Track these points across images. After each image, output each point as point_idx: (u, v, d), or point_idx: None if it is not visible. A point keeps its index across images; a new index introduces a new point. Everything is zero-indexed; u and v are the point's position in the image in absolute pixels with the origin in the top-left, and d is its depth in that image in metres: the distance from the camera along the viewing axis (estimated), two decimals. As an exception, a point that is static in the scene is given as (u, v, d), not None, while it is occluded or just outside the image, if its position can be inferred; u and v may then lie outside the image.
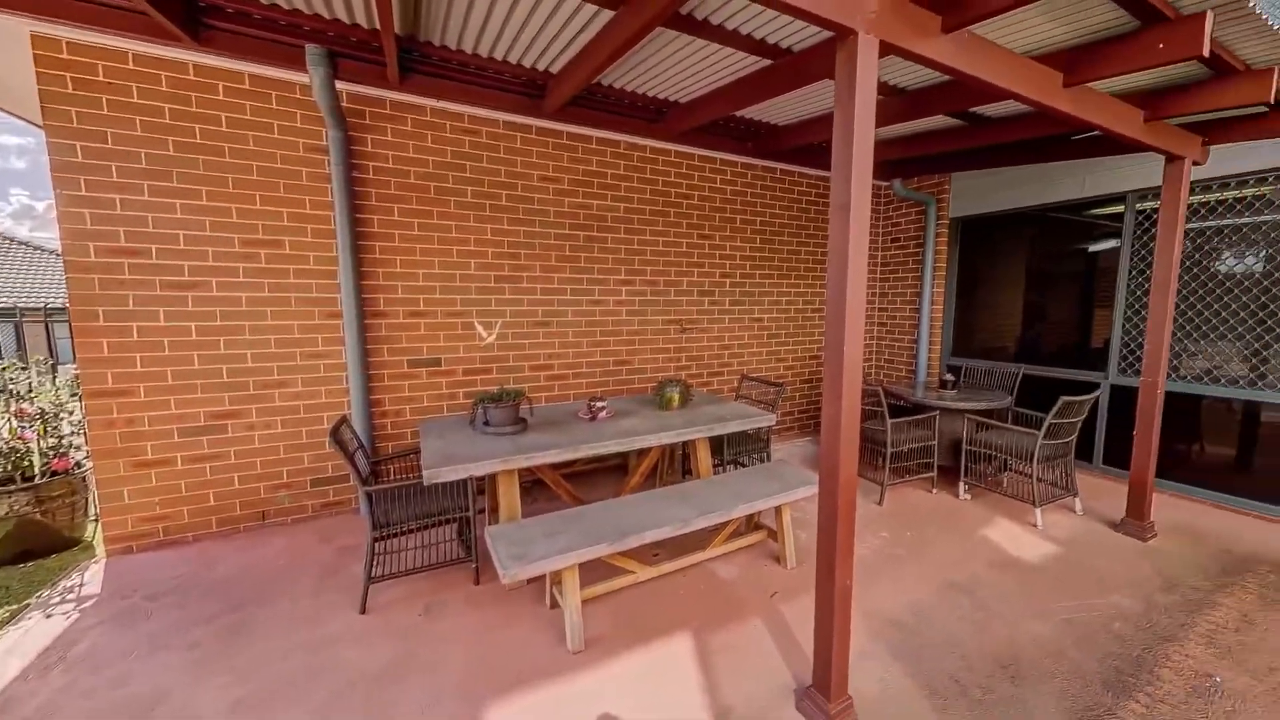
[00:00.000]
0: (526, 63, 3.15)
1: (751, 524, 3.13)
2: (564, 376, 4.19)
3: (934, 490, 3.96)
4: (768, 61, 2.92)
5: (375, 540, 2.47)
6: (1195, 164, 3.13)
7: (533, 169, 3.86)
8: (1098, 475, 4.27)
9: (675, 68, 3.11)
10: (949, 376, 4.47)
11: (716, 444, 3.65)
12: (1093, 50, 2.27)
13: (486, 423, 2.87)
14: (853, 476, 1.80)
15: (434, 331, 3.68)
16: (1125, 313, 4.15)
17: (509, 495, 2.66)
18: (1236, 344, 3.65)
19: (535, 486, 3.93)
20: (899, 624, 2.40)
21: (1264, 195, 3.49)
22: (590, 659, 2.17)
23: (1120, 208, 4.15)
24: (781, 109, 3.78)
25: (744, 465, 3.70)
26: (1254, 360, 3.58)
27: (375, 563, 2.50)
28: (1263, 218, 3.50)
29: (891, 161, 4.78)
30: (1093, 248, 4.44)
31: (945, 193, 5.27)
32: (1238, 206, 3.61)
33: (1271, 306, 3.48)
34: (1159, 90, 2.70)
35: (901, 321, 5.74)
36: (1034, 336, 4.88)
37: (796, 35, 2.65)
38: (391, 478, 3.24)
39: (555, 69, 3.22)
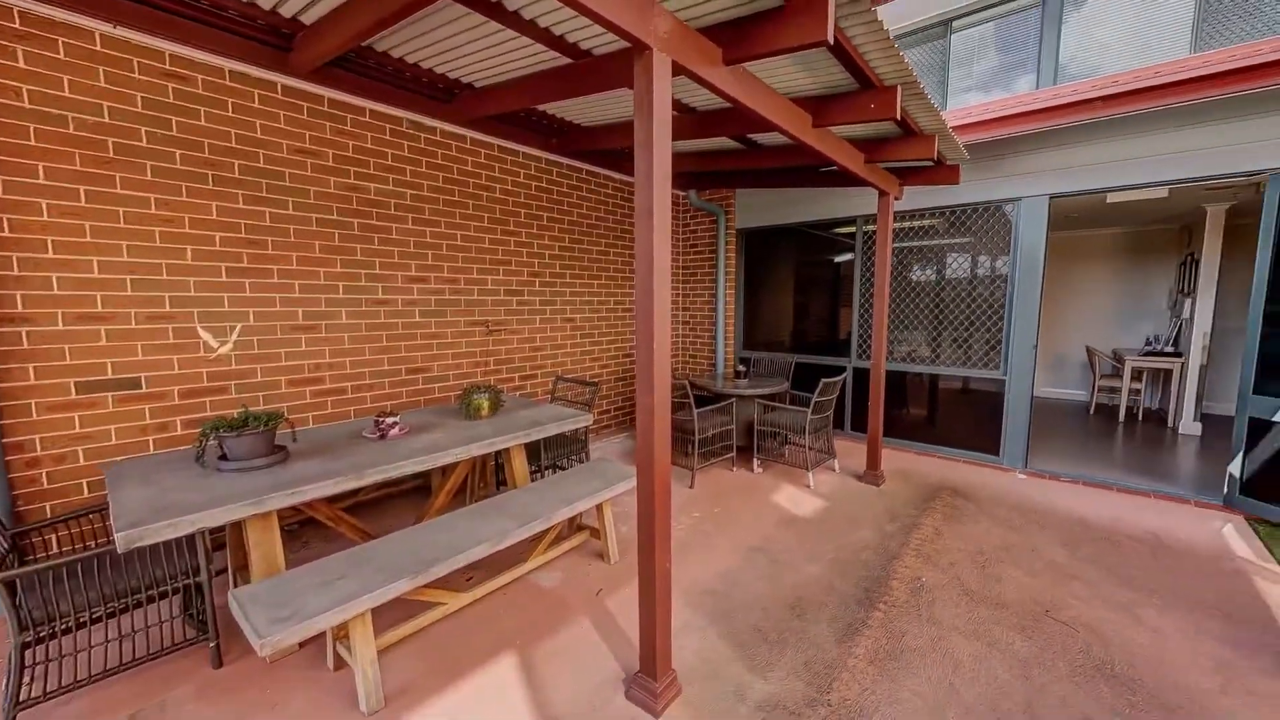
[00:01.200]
0: (264, 3, 2.70)
1: (574, 526, 3.22)
2: (340, 391, 3.67)
3: (734, 469, 4.67)
4: (568, 60, 3.08)
5: (26, 646, 1.79)
6: (896, 199, 4.39)
7: (280, 137, 3.30)
8: (848, 439, 5.60)
9: (468, 48, 3.04)
10: (741, 367, 5.36)
11: (534, 449, 3.65)
12: (831, 101, 3.03)
13: (224, 457, 2.35)
14: (667, 465, 2.03)
15: (126, 342, 2.84)
16: (859, 311, 5.57)
17: (265, 545, 2.23)
18: (923, 333, 5.24)
19: (306, 528, 3.34)
20: (712, 592, 2.77)
21: (934, 226, 5.11)
22: (393, 714, 1.95)
23: (853, 229, 5.57)
24: (585, 110, 4.01)
25: (564, 468, 3.78)
26: (932, 345, 5.19)
27: (30, 678, 1.81)
28: (933, 242, 5.12)
29: (688, 174, 5.49)
30: (837, 259, 5.84)
31: (732, 206, 6.30)
32: (920, 233, 5.19)
33: (940, 306, 5.11)
34: (874, 140, 3.72)
35: (702, 320, 6.62)
36: (802, 331, 6.18)
37: (597, 39, 2.86)
38: (56, 550, 2.38)
39: (307, 19, 2.83)
